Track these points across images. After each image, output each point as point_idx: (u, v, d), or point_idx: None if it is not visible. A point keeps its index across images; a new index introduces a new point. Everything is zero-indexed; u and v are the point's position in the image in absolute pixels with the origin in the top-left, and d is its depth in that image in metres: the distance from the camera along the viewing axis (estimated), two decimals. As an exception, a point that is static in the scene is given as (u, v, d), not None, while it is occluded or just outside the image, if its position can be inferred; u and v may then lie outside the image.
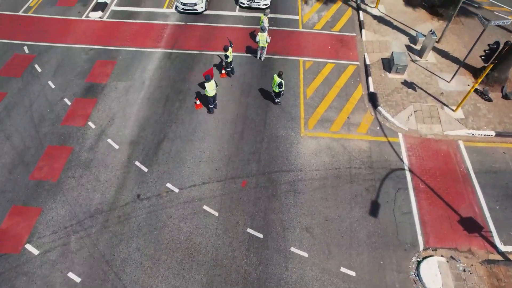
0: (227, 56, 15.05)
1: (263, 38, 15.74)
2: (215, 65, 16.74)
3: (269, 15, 19.36)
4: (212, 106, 14.40)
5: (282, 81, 13.88)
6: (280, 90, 14.14)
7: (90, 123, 14.44)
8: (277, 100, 14.86)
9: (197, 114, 14.78)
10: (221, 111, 14.87)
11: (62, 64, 16.75)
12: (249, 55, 17.29)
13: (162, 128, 14.30)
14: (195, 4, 18.72)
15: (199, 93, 15.37)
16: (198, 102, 14.87)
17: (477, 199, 12.45)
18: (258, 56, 16.95)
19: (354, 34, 18.56)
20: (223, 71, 16.07)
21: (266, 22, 16.59)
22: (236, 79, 16.14)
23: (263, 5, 19.55)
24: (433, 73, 16.50)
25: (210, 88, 13.58)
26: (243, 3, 19.61)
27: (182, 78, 16.15)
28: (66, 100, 15.27)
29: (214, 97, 14.09)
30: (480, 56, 13.12)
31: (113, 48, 17.61)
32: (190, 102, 15.18)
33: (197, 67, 16.64)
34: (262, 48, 16.32)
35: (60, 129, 14.24)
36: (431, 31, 16.24)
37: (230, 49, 14.91)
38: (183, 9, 19.04)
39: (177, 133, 14.10)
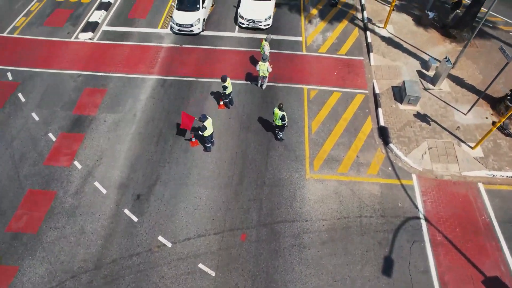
0: (225, 87, 13.84)
1: (263, 68, 14.53)
2: (212, 93, 15.54)
3: (271, 37, 18.16)
4: (209, 144, 13.19)
5: (284, 113, 12.71)
6: (283, 123, 12.97)
7: (76, 163, 13.23)
8: (280, 135, 13.66)
9: (193, 152, 13.58)
10: (219, 149, 13.67)
11: (48, 93, 15.54)
12: (248, 82, 16.07)
13: (154, 168, 13.09)
14: (191, 25, 17.50)
15: (194, 128, 14.13)
16: (194, 139, 13.65)
17: (502, 254, 11.26)
18: (259, 84, 15.73)
19: (362, 58, 17.34)
20: (221, 102, 14.85)
21: (267, 49, 15.36)
22: (235, 111, 14.92)
23: (264, 25, 18.34)
24: (448, 104, 15.29)
25: (209, 126, 12.37)
26: (243, 23, 18.38)
27: (176, 109, 14.93)
28: (50, 135, 14.06)
29: (211, 134, 12.89)
30: (507, 95, 11.91)
31: (103, 74, 16.39)
32: (185, 138, 13.96)
33: (193, 97, 15.42)
34: (263, 77, 15.10)
35: (43, 169, 13.03)
36: (445, 58, 15.03)
37: (229, 80, 13.69)
38: (178, 30, 17.84)
39: (171, 175, 12.89)
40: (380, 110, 14.96)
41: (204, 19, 18.18)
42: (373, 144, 13.98)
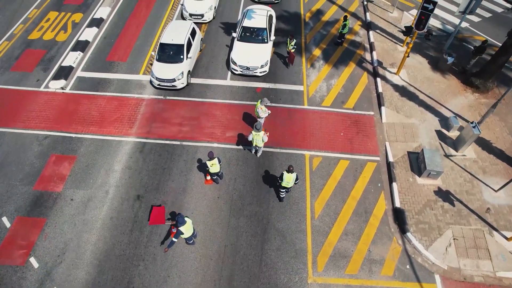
0: (207, 166, 11.62)
1: (258, 138, 12.30)
2: (198, 161, 13.31)
3: (270, 85, 15.97)
4: (191, 241, 10.98)
5: (296, 174, 11.08)
6: (296, 182, 11.32)
7: (32, 260, 11.04)
8: (284, 194, 12.04)
9: (173, 246, 11.34)
10: (204, 241, 11.45)
11: (6, 161, 13.35)
12: (240, 147, 13.84)
13: (126, 268, 10.90)
14: (173, 80, 15.03)
15: (175, 214, 11.93)
16: (174, 230, 11.43)
17: None
18: (253, 151, 13.51)
19: (372, 113, 15.09)
20: (208, 177, 12.62)
21: (262, 113, 13.10)
22: (225, 188, 12.70)
23: (260, 72, 16.09)
24: (475, 176, 13.06)
25: (187, 229, 10.15)
26: (236, 70, 16.13)
27: (156, 185, 12.72)
28: (4, 219, 11.89)
29: (192, 233, 10.65)
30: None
31: (73, 135, 14.18)
32: (164, 227, 11.75)
33: (175, 168, 13.19)
34: (257, 146, 12.86)
35: (-9, 270, 10.86)
36: (472, 123, 12.82)
37: (216, 160, 11.45)
38: (159, 85, 15.34)
39: (146, 279, 10.70)
40: (394, 185, 12.74)
41: (189, 71, 15.74)
42: (387, 232, 11.76)
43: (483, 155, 13.70)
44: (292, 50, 15.91)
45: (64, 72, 16.45)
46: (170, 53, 15.37)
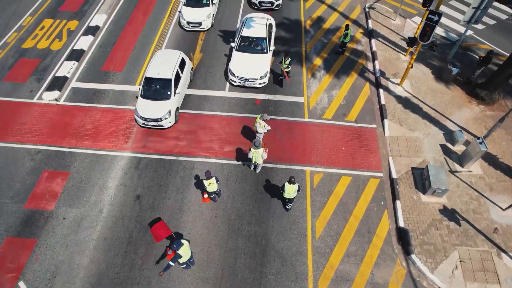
0: (204, 185, 11.19)
1: (257, 155, 11.87)
2: (196, 177, 12.88)
3: (269, 97, 15.55)
4: (184, 265, 10.52)
5: (298, 184, 10.95)
6: (299, 192, 11.12)
7: (21, 284, 10.60)
8: (290, 205, 12.02)
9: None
10: (201, 264, 11.02)
11: (-2, 177, 12.93)
12: (239, 163, 13.40)
13: (119, 293, 10.48)
14: (160, 120, 13.64)
15: (172, 235, 11.51)
16: (170, 252, 10.99)
17: None
18: (252, 167, 13.08)
19: (375, 126, 14.66)
20: (205, 195, 12.18)
21: (260, 129, 12.63)
22: (222, 206, 12.26)
23: (259, 84, 15.64)
24: (481, 194, 12.63)
25: (185, 252, 9.72)
26: (234, 81, 15.69)
27: (151, 204, 12.29)
28: (-6, 240, 11.47)
29: (189, 258, 10.22)
30: None
31: (67, 149, 13.75)
32: (159, 248, 11.33)
33: (172, 185, 12.76)
34: (257, 162, 12.43)
35: (-21, 295, 10.44)
36: (478, 139, 12.39)
37: (213, 179, 11.03)
38: (143, 124, 13.91)
39: (139, 305, 10.28)
40: (398, 203, 12.31)
41: (177, 107, 14.35)
42: (391, 254, 11.33)
43: (490, 171, 13.27)
44: (287, 70, 15.15)
45: (58, 83, 16.02)
46: (156, 89, 13.97)
